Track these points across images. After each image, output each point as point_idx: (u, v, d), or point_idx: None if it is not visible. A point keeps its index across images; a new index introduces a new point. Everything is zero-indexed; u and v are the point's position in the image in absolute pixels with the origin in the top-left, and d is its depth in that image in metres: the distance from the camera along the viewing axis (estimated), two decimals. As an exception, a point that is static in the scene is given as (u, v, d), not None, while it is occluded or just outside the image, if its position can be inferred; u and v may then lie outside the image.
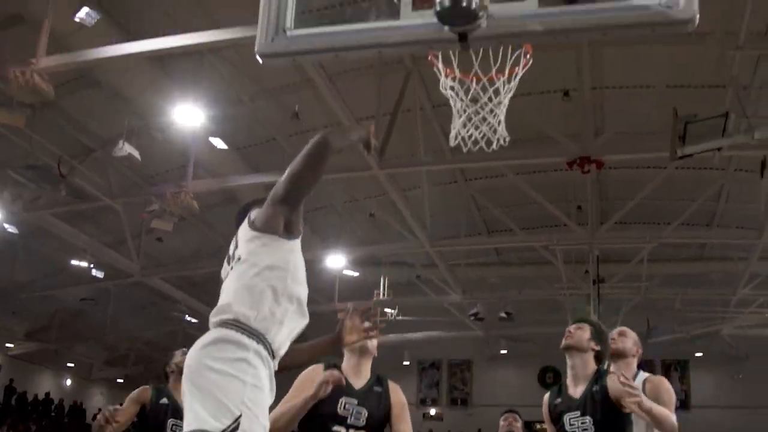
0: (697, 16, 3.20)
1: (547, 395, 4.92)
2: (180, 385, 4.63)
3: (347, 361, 4.59)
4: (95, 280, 21.58)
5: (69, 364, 31.37)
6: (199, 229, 20.61)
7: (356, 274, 22.07)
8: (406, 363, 33.10)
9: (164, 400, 5.85)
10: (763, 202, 17.32)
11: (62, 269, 22.24)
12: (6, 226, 18.16)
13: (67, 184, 16.06)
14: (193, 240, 21.52)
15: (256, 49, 3.77)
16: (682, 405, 30.62)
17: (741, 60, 12.66)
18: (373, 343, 4.59)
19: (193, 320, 26.10)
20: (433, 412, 35.24)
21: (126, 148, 14.71)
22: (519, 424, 7.34)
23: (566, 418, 4.60)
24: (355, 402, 4.41)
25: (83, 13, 12.37)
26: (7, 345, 27.51)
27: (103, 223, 20.11)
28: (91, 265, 20.56)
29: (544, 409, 4.87)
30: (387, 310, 24.36)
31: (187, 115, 14.59)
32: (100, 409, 32.51)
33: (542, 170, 18.13)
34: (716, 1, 11.50)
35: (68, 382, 32.42)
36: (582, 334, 4.76)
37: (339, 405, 4.33)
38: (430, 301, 24.56)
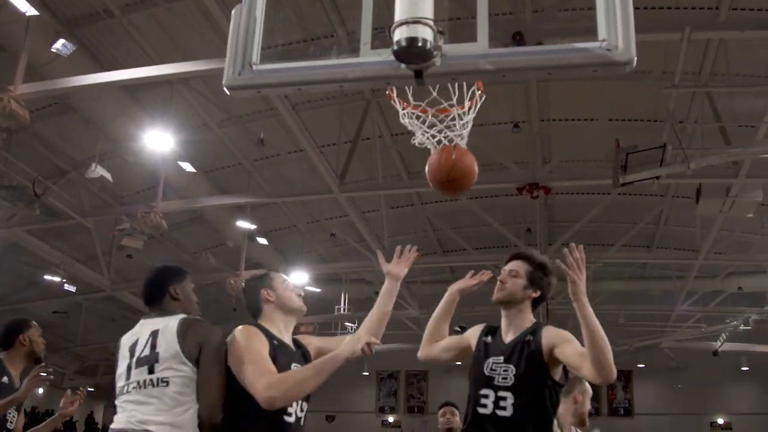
0: (635, 58, 3.30)
1: (482, 326, 4.35)
2: (18, 362, 5.00)
3: (278, 322, 4.03)
4: (67, 294, 21.93)
5: (41, 374, 31.31)
6: (167, 247, 21.07)
7: (318, 290, 22.62)
8: (365, 373, 33.81)
9: (5, 379, 4.99)
10: (699, 225, 18.20)
11: (35, 283, 22.61)
12: (-19, 242, 18.47)
13: (41, 203, 16.41)
14: (162, 257, 21.91)
15: (223, 82, 3.83)
16: (626, 412, 31.76)
17: (677, 97, 13.33)
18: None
19: (161, 332, 26.21)
20: (391, 419, 35.90)
21: (98, 171, 15.22)
22: (457, 418, 7.43)
23: (489, 361, 4.06)
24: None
25: (59, 44, 12.62)
26: (-20, 356, 27.43)
27: (75, 240, 20.50)
28: (64, 280, 20.91)
29: (473, 332, 4.34)
30: (348, 324, 25.04)
31: (157, 140, 15.03)
32: (72, 417, 32.91)
33: (494, 195, 18.83)
34: (654, 44, 12.40)
35: (41, 390, 32.41)
36: (516, 283, 4.17)
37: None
38: (388, 315, 25.14)
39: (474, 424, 3.98)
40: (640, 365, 30.93)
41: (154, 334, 3.77)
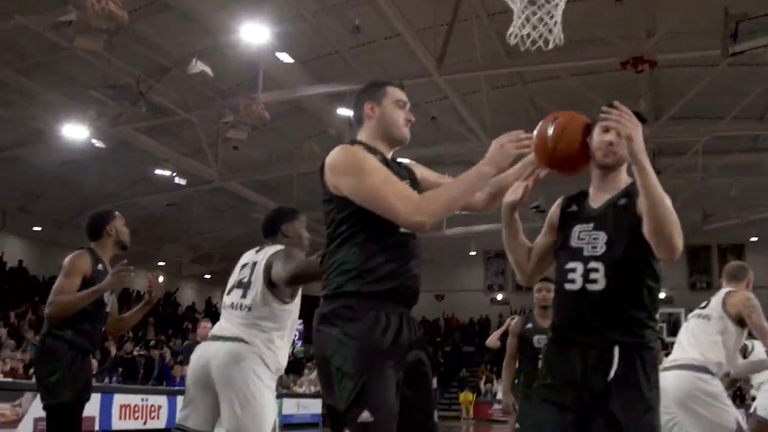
0: None
1: (560, 199, 3.62)
2: (107, 251, 5.27)
3: (378, 144, 3.41)
4: (178, 187, 22.69)
5: (160, 263, 32.70)
6: (270, 137, 21.24)
7: (422, 174, 22.57)
8: (472, 253, 34.03)
9: (100, 266, 5.14)
10: (814, 95, 17.50)
11: (146, 178, 23.43)
12: (94, 141, 19.05)
13: (146, 100, 16.94)
14: (265, 147, 22.32)
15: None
16: (739, 286, 31.30)
17: (791, -41, 12.55)
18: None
19: (270, 220, 26.68)
20: (499, 297, 36.39)
21: (199, 66, 15.39)
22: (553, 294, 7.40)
23: (576, 230, 3.39)
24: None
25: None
26: (102, 249, 28.53)
27: (181, 135, 21.03)
28: (174, 174, 21.57)
29: (553, 212, 3.61)
30: (452, 205, 24.95)
31: (254, 33, 15.18)
32: (194, 302, 34.36)
33: (597, 71, 18.29)
34: None
35: (161, 279, 33.70)
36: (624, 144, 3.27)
37: None
38: (493, 196, 25.11)
39: (562, 303, 3.42)
40: (753, 238, 30.35)
41: (256, 264, 4.45)
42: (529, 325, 7.22)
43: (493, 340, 9.25)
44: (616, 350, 3.14)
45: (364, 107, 3.44)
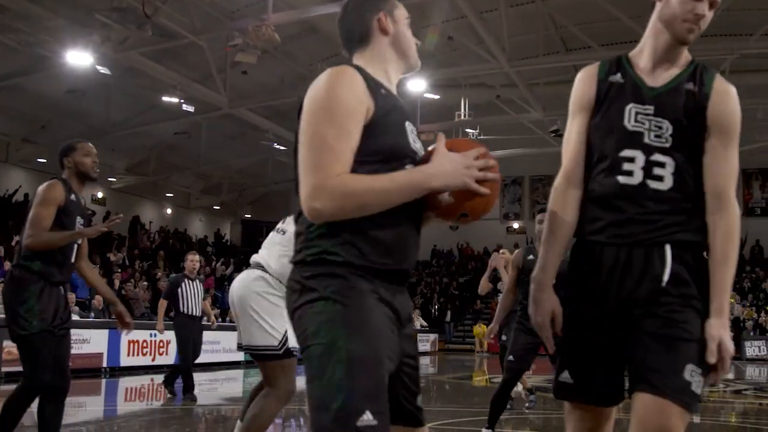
0: None
1: (593, 67, 2.88)
2: (75, 182, 5.19)
3: (388, 64, 2.62)
4: (186, 114, 22.03)
5: (168, 195, 32.43)
6: (282, 61, 20.75)
7: (437, 97, 22.10)
8: (488, 180, 33.59)
9: (72, 197, 5.15)
10: None
11: (154, 106, 22.86)
12: (98, 68, 18.45)
13: (152, 23, 16.45)
14: (276, 71, 21.75)
15: None
16: (763, 212, 30.98)
17: None
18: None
19: (282, 147, 26.46)
20: (516, 225, 35.98)
21: (205, -15, 14.98)
22: None
23: (630, 109, 2.73)
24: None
25: None
26: (110, 179, 28.24)
27: (189, 60, 20.43)
28: (182, 101, 20.92)
29: (584, 86, 2.88)
30: (468, 130, 24.52)
31: (263, -52, 14.58)
32: (206, 236, 34.01)
33: (620, -15, 17.70)
34: None
35: (169, 210, 33.57)
36: (708, 19, 2.71)
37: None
38: (510, 120, 24.64)
39: (606, 197, 2.75)
40: (779, 163, 29.85)
41: None
42: (531, 257, 6.76)
43: (484, 286, 8.84)
44: (668, 248, 2.64)
45: (376, 19, 2.64)
